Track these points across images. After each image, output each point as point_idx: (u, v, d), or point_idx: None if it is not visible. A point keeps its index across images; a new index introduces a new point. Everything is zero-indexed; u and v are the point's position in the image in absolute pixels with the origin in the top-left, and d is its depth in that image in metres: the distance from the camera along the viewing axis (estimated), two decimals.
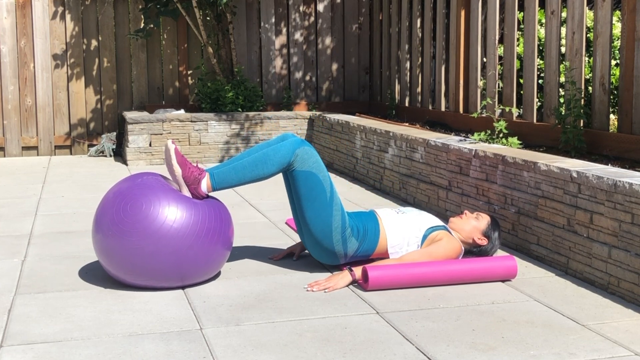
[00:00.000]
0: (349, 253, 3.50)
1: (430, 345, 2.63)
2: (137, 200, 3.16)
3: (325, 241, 3.45)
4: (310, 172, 3.41)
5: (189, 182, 3.28)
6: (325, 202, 3.42)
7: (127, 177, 3.38)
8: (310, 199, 3.42)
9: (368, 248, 3.52)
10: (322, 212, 3.42)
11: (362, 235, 3.50)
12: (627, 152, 4.35)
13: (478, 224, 3.61)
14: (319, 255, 3.53)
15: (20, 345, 2.64)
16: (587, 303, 3.10)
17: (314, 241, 3.47)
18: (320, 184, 3.42)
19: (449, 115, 6.51)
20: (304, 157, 3.40)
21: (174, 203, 3.17)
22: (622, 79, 4.47)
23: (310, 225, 3.45)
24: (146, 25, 7.87)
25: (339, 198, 3.48)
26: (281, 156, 3.37)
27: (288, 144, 3.40)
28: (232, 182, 3.37)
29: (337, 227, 3.43)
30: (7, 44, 7.74)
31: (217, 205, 3.32)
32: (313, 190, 3.41)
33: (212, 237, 3.21)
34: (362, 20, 8.54)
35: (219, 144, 7.38)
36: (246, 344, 2.64)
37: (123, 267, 3.18)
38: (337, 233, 3.44)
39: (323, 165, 3.46)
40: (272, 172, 3.38)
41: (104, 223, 3.19)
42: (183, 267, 3.18)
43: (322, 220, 3.42)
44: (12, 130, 7.83)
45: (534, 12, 5.30)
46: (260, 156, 3.38)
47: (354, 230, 3.48)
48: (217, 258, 3.28)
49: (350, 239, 3.47)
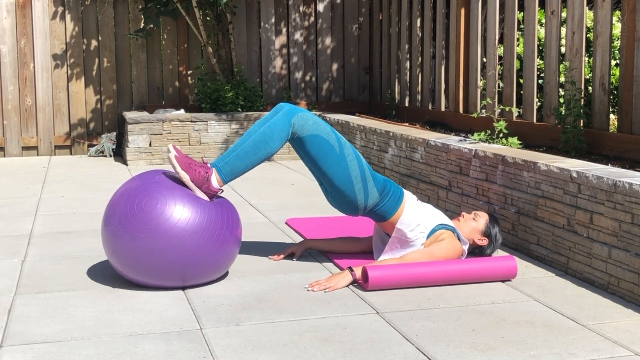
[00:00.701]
0: (369, 205, 3.53)
1: (430, 345, 2.63)
2: (153, 197, 3.17)
3: (348, 192, 3.50)
4: (312, 135, 3.45)
5: (199, 184, 3.27)
6: (337, 157, 3.47)
7: (141, 174, 3.36)
8: (321, 158, 3.47)
9: (387, 210, 3.55)
10: (337, 167, 3.47)
11: (386, 192, 3.55)
12: (627, 152, 4.35)
13: (477, 225, 3.62)
14: (340, 205, 3.58)
15: (20, 345, 2.64)
16: (587, 303, 3.10)
17: (337, 192, 3.52)
18: (326, 142, 3.46)
19: (449, 115, 6.51)
20: (301, 124, 3.43)
21: (188, 204, 3.18)
22: (622, 79, 4.47)
23: (331, 180, 3.50)
24: (146, 25, 7.87)
25: (351, 148, 3.53)
26: (279, 130, 3.40)
27: (282, 116, 3.43)
28: (240, 170, 3.39)
29: (356, 176, 3.49)
30: (7, 44, 7.74)
31: (228, 208, 3.33)
32: (321, 150, 3.46)
33: (221, 240, 3.21)
34: (362, 20, 8.54)
35: (219, 144, 7.39)
36: (246, 344, 2.64)
37: (128, 262, 3.18)
38: (358, 182, 3.49)
39: (323, 123, 3.50)
40: (275, 148, 3.42)
41: (115, 218, 3.20)
42: (189, 268, 3.18)
43: (341, 173, 3.47)
44: (12, 130, 7.83)
45: (534, 12, 5.30)
46: (259, 137, 3.40)
47: (378, 184, 3.53)
48: (224, 261, 3.29)
49: (373, 190, 3.51)
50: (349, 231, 4.27)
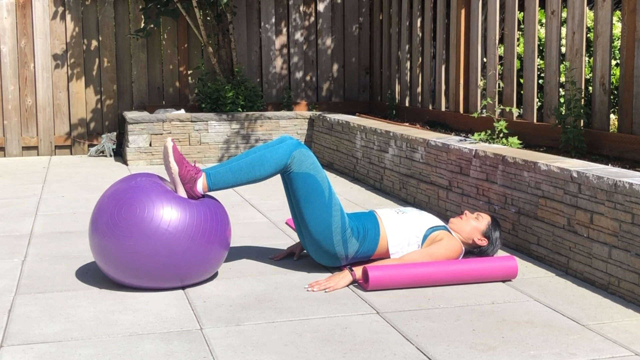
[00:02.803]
0: (350, 254, 3.49)
1: (431, 345, 2.63)
2: (132, 204, 3.15)
3: (325, 242, 3.45)
4: (308, 174, 3.41)
5: (185, 181, 3.27)
6: (324, 203, 3.42)
7: (122, 178, 3.37)
8: (308, 201, 3.42)
9: (369, 249, 3.51)
10: (321, 214, 3.42)
11: (363, 235, 3.49)
12: (627, 152, 4.35)
13: (478, 225, 3.61)
14: (320, 257, 3.53)
15: (20, 345, 2.64)
16: (587, 303, 3.10)
17: (315, 243, 3.47)
18: (319, 185, 3.42)
19: (449, 115, 6.50)
20: (300, 159, 3.40)
21: (168, 205, 3.16)
22: (622, 79, 4.47)
23: (310, 226, 3.44)
24: (146, 25, 7.87)
25: (337, 199, 3.48)
26: (278, 158, 3.38)
27: (285, 146, 3.41)
28: (228, 183, 3.37)
29: (337, 228, 3.43)
30: (8, 44, 7.74)
31: (213, 205, 3.31)
32: (311, 192, 3.41)
33: (208, 238, 3.20)
34: (362, 20, 8.54)
35: (219, 144, 7.39)
36: (246, 344, 2.64)
37: (120, 269, 3.18)
38: (337, 234, 3.44)
39: (320, 167, 3.47)
40: (268, 173, 3.39)
41: (99, 226, 3.19)
42: (181, 268, 3.17)
43: (322, 222, 3.42)
44: (12, 130, 7.83)
45: (534, 12, 5.30)
46: (257, 158, 3.38)
47: (354, 231, 3.48)
48: (214, 258, 3.27)
49: (351, 240, 3.47)
50: None
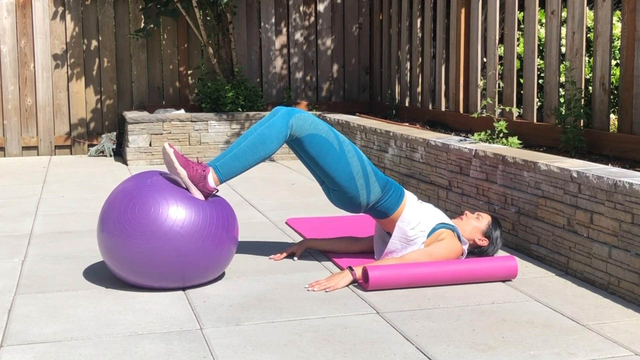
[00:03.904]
0: (371, 201, 3.54)
1: (431, 345, 2.63)
2: (146, 202, 3.14)
3: (350, 189, 3.50)
4: (311, 135, 3.45)
5: (196, 181, 3.27)
6: (337, 154, 3.47)
7: (136, 175, 3.34)
8: (321, 157, 3.47)
9: (389, 207, 3.56)
10: (338, 165, 3.47)
11: (387, 189, 3.55)
12: (627, 152, 4.34)
13: (478, 225, 3.61)
14: (344, 203, 3.58)
15: (20, 345, 2.64)
16: (587, 303, 3.10)
17: (340, 191, 3.53)
18: (325, 140, 3.47)
19: (449, 115, 6.51)
20: (299, 124, 3.44)
21: (182, 206, 3.16)
22: (622, 79, 4.47)
23: (333, 179, 3.50)
24: (146, 25, 7.87)
25: (351, 145, 3.54)
26: (277, 131, 3.40)
27: (280, 117, 3.44)
28: (238, 170, 3.39)
29: (357, 173, 3.49)
30: (7, 44, 7.74)
31: (224, 207, 3.32)
32: (321, 149, 3.46)
33: (218, 240, 3.20)
34: (362, 20, 8.54)
35: (219, 144, 7.39)
36: (246, 344, 2.64)
37: (127, 266, 3.17)
38: (360, 178, 3.50)
39: (321, 123, 3.51)
40: (273, 149, 3.42)
41: (109, 222, 3.18)
42: (188, 269, 3.17)
43: (342, 171, 3.48)
44: (12, 130, 7.83)
45: (534, 12, 5.30)
46: (257, 137, 3.40)
47: (380, 179, 3.55)
48: (222, 260, 3.28)
49: (375, 186, 3.52)
50: (349, 231, 4.27)
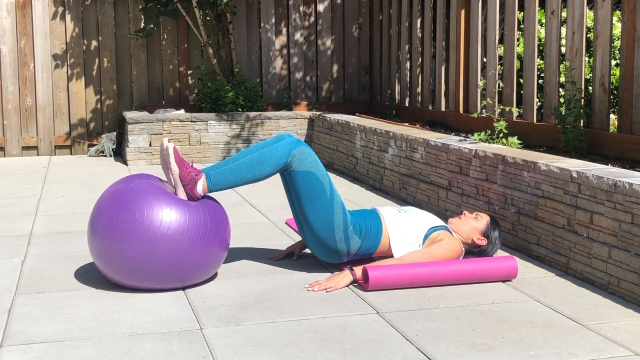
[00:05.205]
0: (352, 251, 3.49)
1: (431, 345, 2.63)
2: (130, 207, 3.13)
3: (328, 239, 3.44)
4: (309, 172, 3.39)
5: (185, 182, 3.26)
6: (325, 201, 3.41)
7: (121, 179, 3.35)
8: (310, 199, 3.40)
9: (371, 246, 3.51)
10: (323, 211, 3.41)
11: (365, 233, 3.49)
12: (627, 152, 4.35)
13: (477, 224, 3.61)
14: (322, 254, 3.52)
15: (20, 345, 2.64)
16: (587, 303, 3.10)
17: (317, 240, 3.47)
18: (320, 183, 3.40)
19: (449, 115, 6.51)
20: (301, 157, 3.38)
21: (167, 207, 3.14)
22: (622, 79, 4.47)
23: (312, 224, 3.43)
24: (146, 25, 7.87)
25: (339, 196, 3.47)
26: (278, 157, 3.35)
27: (285, 144, 3.38)
28: (229, 184, 3.35)
29: (339, 225, 3.43)
30: (7, 44, 7.74)
31: (212, 206, 3.30)
32: (313, 190, 3.40)
33: (208, 239, 3.19)
34: (362, 20, 8.54)
35: (219, 144, 7.39)
36: (246, 344, 2.64)
37: (119, 272, 3.17)
38: (340, 231, 3.43)
39: (321, 164, 3.45)
40: (268, 172, 3.36)
41: (98, 229, 3.18)
42: (181, 270, 3.17)
43: (324, 219, 3.41)
44: (12, 130, 7.83)
45: (534, 12, 5.30)
46: (257, 157, 3.35)
47: (357, 228, 3.48)
48: (214, 259, 3.27)
49: (353, 237, 3.46)
50: None
